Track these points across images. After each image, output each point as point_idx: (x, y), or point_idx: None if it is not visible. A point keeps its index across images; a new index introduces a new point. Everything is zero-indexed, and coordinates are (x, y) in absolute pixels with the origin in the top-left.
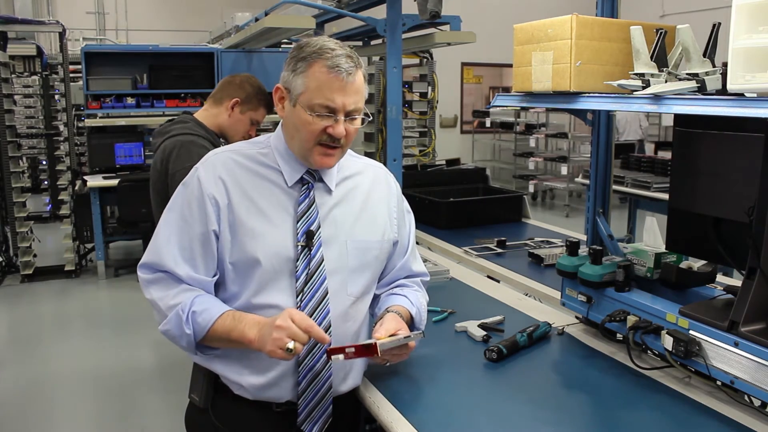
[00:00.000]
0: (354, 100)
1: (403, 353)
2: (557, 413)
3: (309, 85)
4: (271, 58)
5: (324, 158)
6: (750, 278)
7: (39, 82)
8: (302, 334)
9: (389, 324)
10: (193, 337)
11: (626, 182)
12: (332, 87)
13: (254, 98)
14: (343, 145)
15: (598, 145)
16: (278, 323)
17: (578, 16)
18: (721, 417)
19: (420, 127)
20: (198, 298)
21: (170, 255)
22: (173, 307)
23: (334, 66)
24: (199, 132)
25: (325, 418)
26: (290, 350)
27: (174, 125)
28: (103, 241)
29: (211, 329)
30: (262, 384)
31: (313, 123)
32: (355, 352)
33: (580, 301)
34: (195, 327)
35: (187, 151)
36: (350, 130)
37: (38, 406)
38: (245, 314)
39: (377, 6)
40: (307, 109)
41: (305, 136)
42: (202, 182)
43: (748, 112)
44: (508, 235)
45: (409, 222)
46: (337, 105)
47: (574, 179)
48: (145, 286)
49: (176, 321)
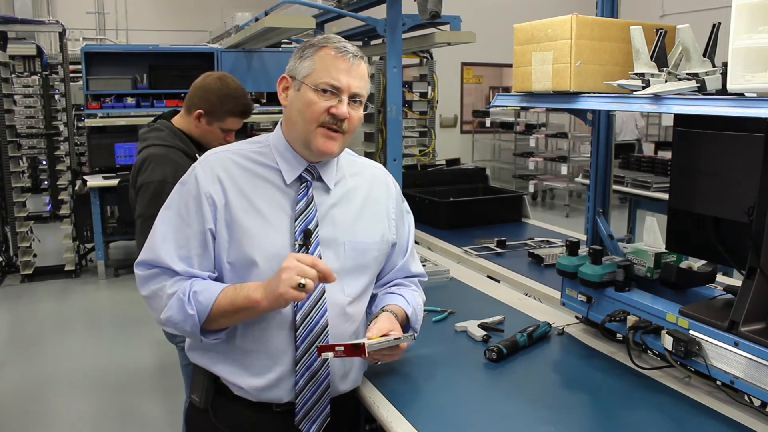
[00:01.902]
0: (358, 84)
1: (394, 353)
2: (557, 413)
3: (315, 66)
4: (271, 58)
5: (326, 141)
6: (750, 278)
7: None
8: (310, 269)
9: (382, 324)
10: (197, 318)
11: (626, 182)
12: (338, 67)
13: (219, 109)
14: (345, 131)
15: (598, 145)
16: (284, 265)
17: (578, 16)
18: (721, 417)
19: (420, 127)
20: (196, 281)
21: (167, 252)
22: (172, 295)
23: (341, 47)
24: (173, 142)
25: (323, 417)
26: (302, 285)
27: (150, 132)
28: (103, 241)
29: (215, 304)
30: (262, 386)
31: (318, 102)
32: (344, 351)
33: (580, 301)
34: (198, 306)
35: (156, 165)
36: (353, 115)
37: (38, 406)
38: (246, 283)
39: (377, 6)
40: (312, 87)
41: (308, 116)
42: (200, 181)
43: (748, 112)
44: (508, 235)
45: (408, 223)
46: (343, 84)
47: (574, 179)
48: (141, 283)
49: (178, 305)
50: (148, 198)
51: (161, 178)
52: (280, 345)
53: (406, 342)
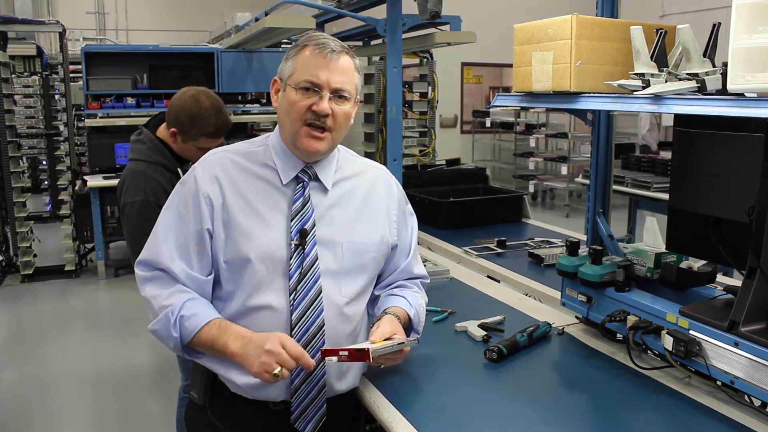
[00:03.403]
0: (340, 79)
1: (398, 357)
2: (557, 413)
3: (297, 65)
4: (271, 58)
5: (311, 141)
6: (750, 278)
7: (39, 82)
8: (292, 361)
9: (385, 327)
10: (180, 341)
11: (626, 182)
12: (317, 63)
13: (190, 130)
14: (330, 128)
15: (598, 145)
16: (268, 347)
17: (578, 16)
18: (721, 417)
19: (420, 127)
20: (189, 302)
21: (167, 251)
22: (164, 308)
23: (319, 44)
24: (154, 158)
25: (318, 416)
26: (276, 375)
27: (135, 144)
28: (103, 241)
29: (197, 336)
30: (257, 384)
31: (300, 101)
32: (348, 355)
33: (580, 301)
34: (182, 331)
35: (135, 183)
36: (337, 111)
37: (38, 406)
38: (231, 325)
39: (377, 6)
40: (294, 87)
41: (293, 116)
42: (198, 181)
43: (748, 112)
44: (508, 235)
45: (411, 225)
46: (321, 80)
47: (574, 179)
48: (141, 283)
49: (165, 323)
50: (135, 219)
51: (142, 197)
52: None
53: (409, 346)
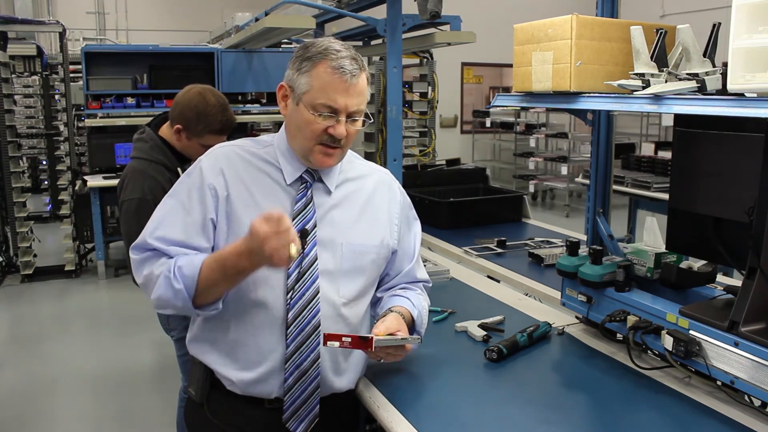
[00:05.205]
0: (356, 102)
1: (399, 354)
2: (557, 413)
3: (313, 84)
4: (271, 58)
5: (324, 158)
6: (750, 278)
7: (39, 82)
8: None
9: (390, 323)
10: (185, 291)
11: (626, 182)
12: (336, 88)
13: (195, 127)
14: (343, 145)
15: (598, 145)
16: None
17: (578, 16)
18: (721, 417)
19: (420, 127)
20: (180, 257)
21: (160, 234)
22: (160, 275)
23: (338, 67)
24: (155, 156)
25: (311, 416)
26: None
27: (138, 142)
28: (103, 241)
29: (201, 274)
30: (251, 379)
31: (315, 122)
32: (351, 342)
33: (580, 301)
34: (184, 280)
35: (135, 181)
36: (351, 131)
37: (38, 406)
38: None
39: (377, 6)
40: (310, 108)
41: (307, 134)
42: (204, 172)
43: (748, 112)
44: (508, 235)
45: (415, 230)
46: (340, 106)
47: (574, 179)
48: (136, 268)
49: (165, 283)
50: (131, 216)
51: (140, 195)
52: (270, 341)
53: (411, 344)
